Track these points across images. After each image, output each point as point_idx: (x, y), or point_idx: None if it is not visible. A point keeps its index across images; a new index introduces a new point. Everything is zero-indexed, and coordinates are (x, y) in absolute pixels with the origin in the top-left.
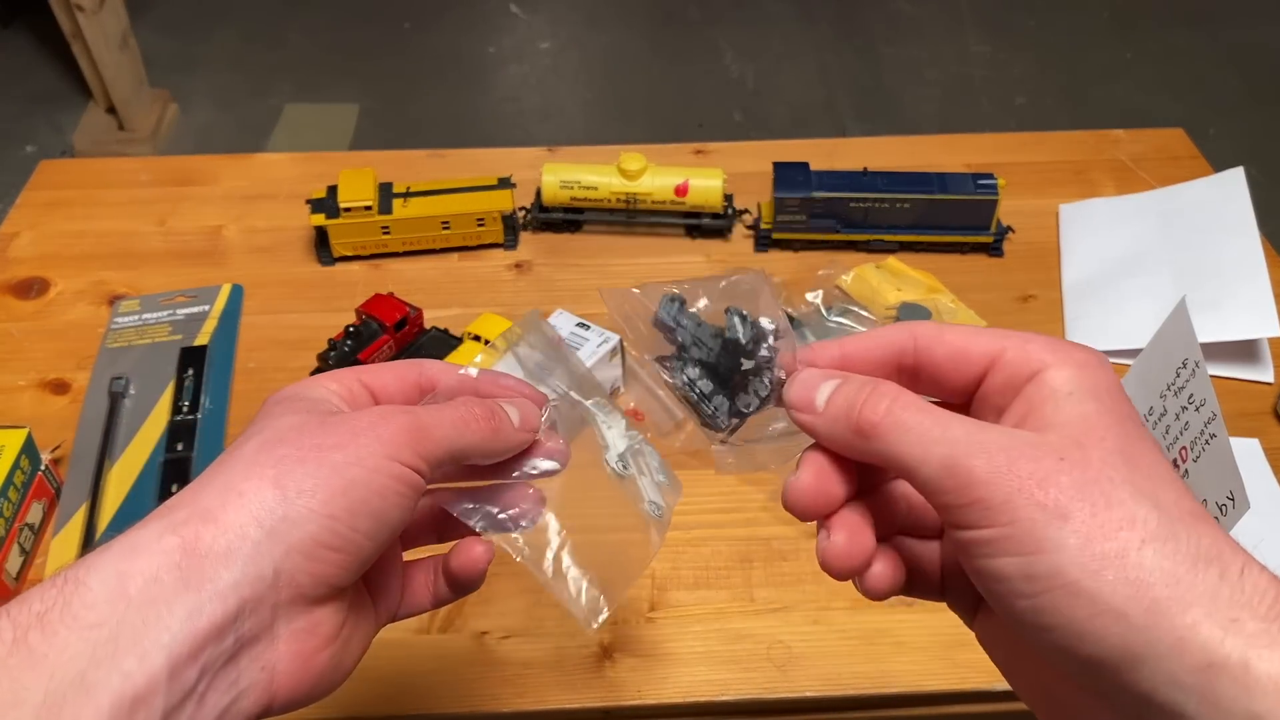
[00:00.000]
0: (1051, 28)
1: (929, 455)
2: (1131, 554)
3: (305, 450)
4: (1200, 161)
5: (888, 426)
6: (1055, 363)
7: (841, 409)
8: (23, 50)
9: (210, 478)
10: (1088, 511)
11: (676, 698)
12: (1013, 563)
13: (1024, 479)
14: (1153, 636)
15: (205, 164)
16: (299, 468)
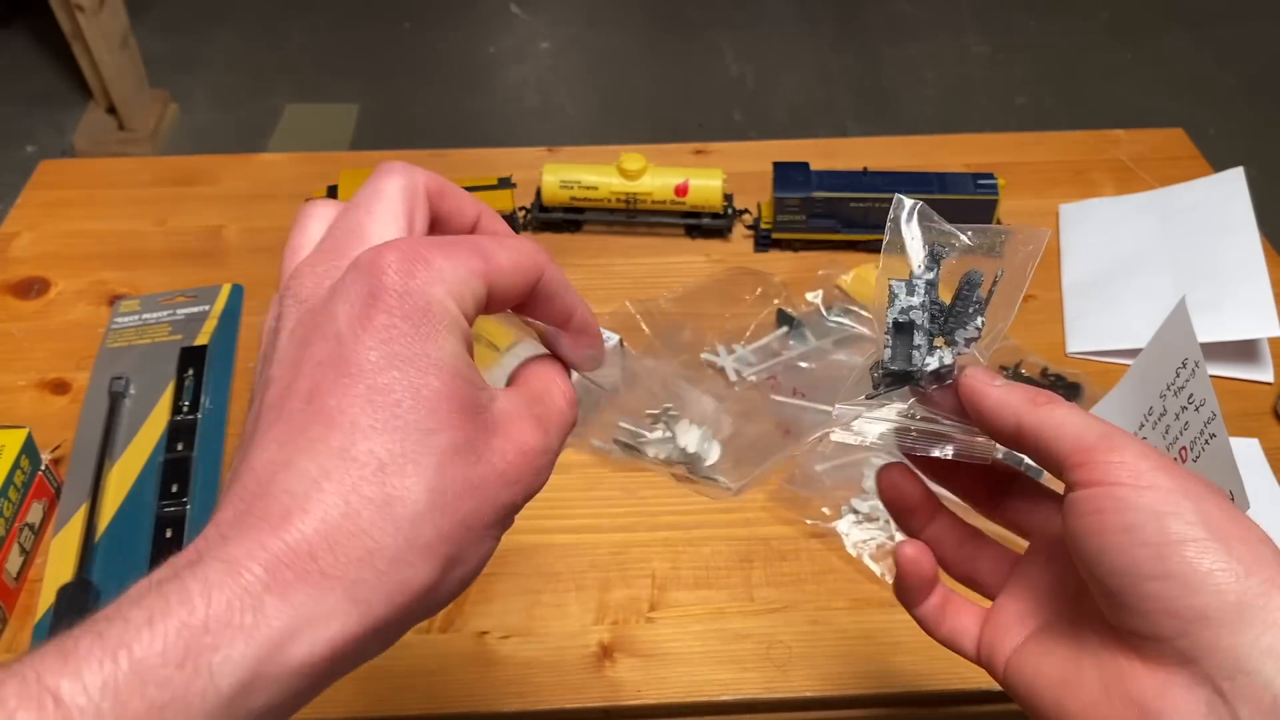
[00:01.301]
0: (1051, 28)
1: (1092, 428)
2: (1257, 541)
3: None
4: (1200, 161)
5: (1054, 405)
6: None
7: (1015, 387)
8: (23, 50)
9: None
10: (1210, 495)
11: (676, 697)
12: (1143, 515)
13: (1165, 458)
14: (1269, 604)
15: (206, 164)
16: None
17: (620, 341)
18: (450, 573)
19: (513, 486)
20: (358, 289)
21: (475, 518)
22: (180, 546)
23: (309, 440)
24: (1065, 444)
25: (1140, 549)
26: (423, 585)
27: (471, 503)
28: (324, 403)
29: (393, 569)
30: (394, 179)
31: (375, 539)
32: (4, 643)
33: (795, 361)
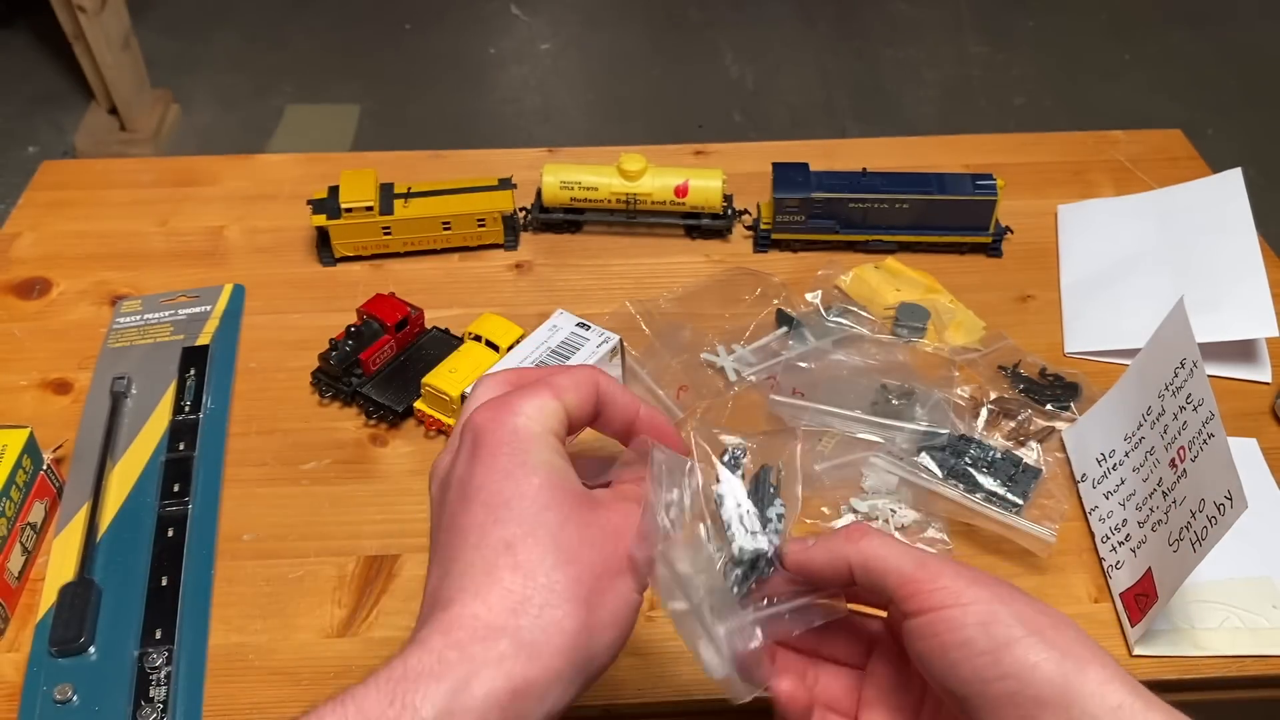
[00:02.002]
0: (1050, 29)
1: (905, 557)
2: (1061, 629)
3: (593, 599)
4: (1198, 162)
5: (866, 538)
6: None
7: (828, 536)
8: (24, 51)
9: (529, 581)
10: (1024, 601)
11: (676, 696)
12: (972, 629)
13: (980, 575)
14: (1085, 691)
15: (207, 164)
16: (588, 616)
17: (620, 342)
18: (595, 614)
19: (624, 539)
20: (466, 444)
21: (600, 565)
22: (182, 545)
23: (454, 552)
24: (890, 579)
25: (979, 658)
26: (574, 624)
27: (592, 553)
28: (457, 523)
29: (543, 613)
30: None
31: (521, 594)
32: (6, 642)
33: (795, 362)
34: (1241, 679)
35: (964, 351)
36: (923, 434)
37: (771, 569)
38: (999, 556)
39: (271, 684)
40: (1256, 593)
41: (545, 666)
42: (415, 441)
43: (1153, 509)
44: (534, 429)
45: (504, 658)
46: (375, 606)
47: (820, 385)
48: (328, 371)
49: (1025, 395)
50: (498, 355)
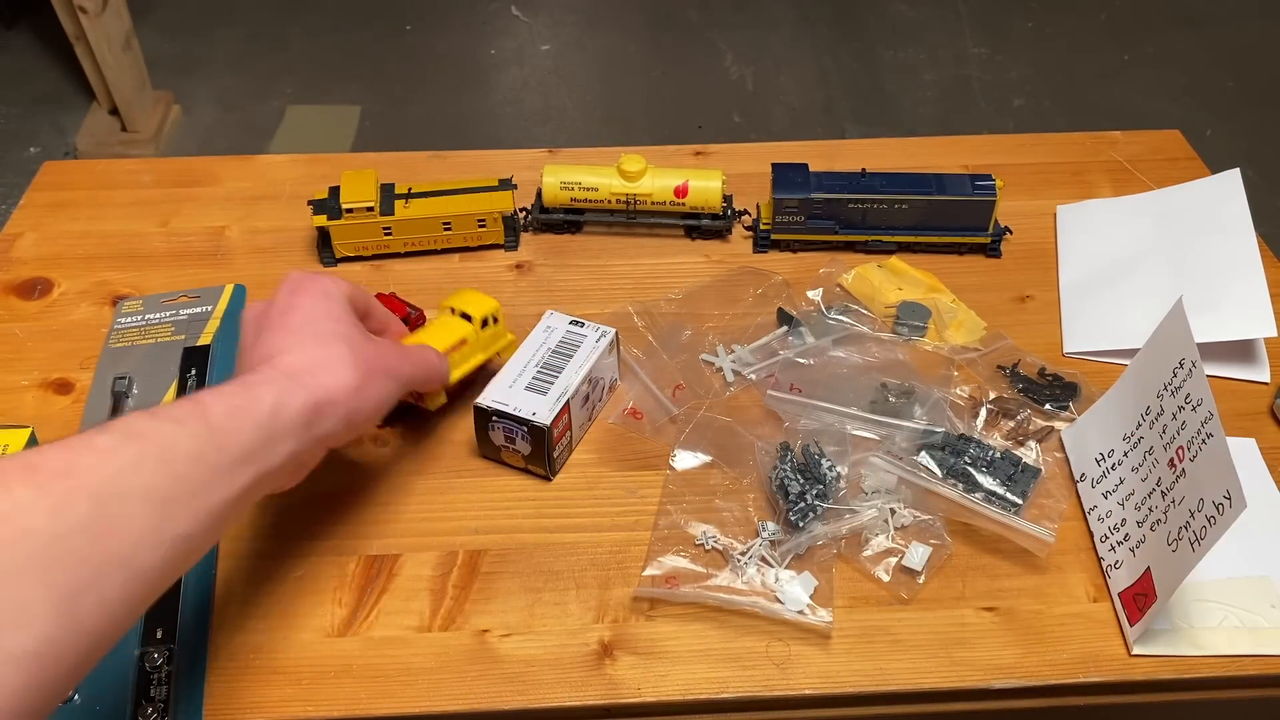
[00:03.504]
0: (1049, 30)
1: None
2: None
3: (361, 365)
4: (1197, 163)
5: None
6: None
7: None
8: (26, 52)
9: (302, 344)
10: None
11: (676, 695)
12: None
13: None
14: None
15: (208, 165)
16: (358, 379)
17: (615, 335)
18: (365, 384)
19: (388, 357)
20: (286, 287)
21: (371, 363)
22: None
23: (279, 335)
24: None
25: None
26: (352, 382)
27: (368, 353)
28: (282, 322)
29: (335, 369)
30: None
31: (323, 357)
32: None
33: (794, 359)
34: (1240, 678)
35: (963, 351)
36: (922, 433)
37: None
38: (998, 556)
39: (272, 683)
40: (1255, 592)
41: (333, 399)
42: (415, 441)
43: (1151, 509)
44: (335, 291)
45: (312, 386)
46: (375, 606)
47: (819, 383)
48: None
49: (1024, 395)
50: (470, 325)
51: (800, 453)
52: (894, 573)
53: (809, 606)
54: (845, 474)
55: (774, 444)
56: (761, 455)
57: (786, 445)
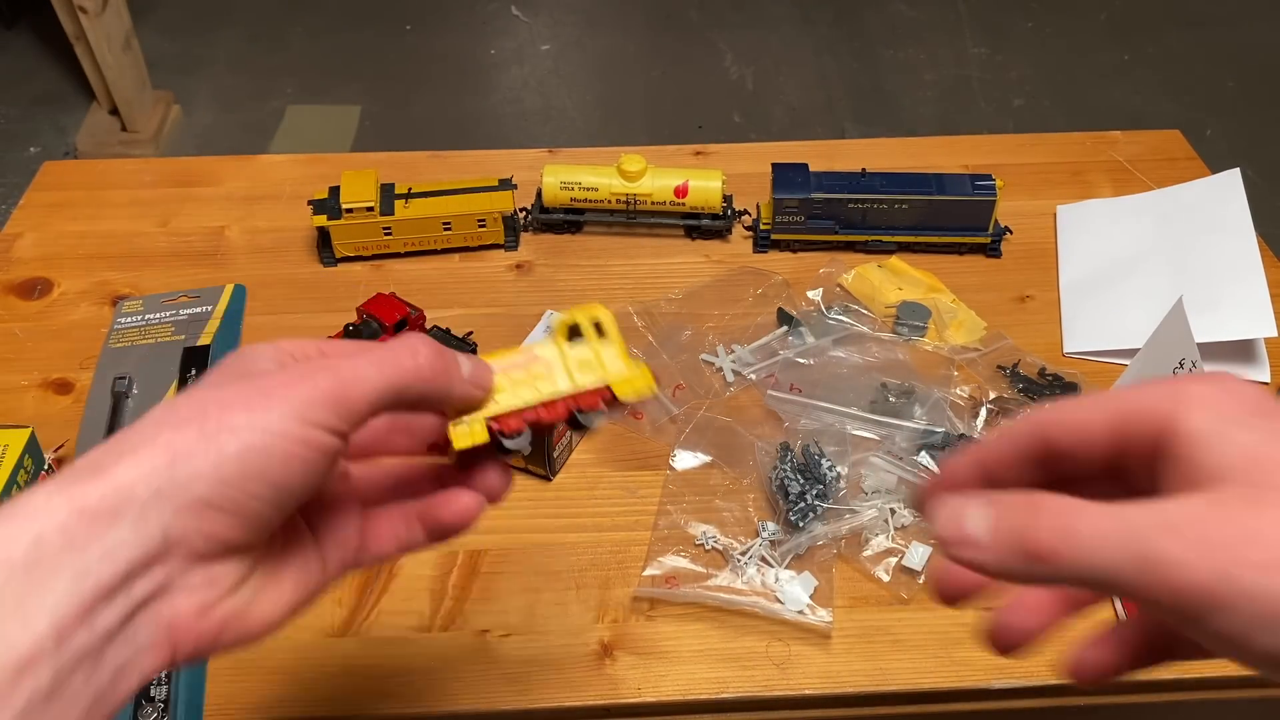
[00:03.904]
0: (1049, 30)
1: (1118, 557)
2: None
3: (208, 410)
4: (1197, 163)
5: (1066, 544)
6: (1180, 408)
7: (1009, 537)
8: (26, 52)
9: (114, 439)
10: None
11: (676, 695)
12: (1260, 631)
13: (1228, 547)
14: None
15: (208, 165)
16: (195, 429)
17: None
18: (204, 437)
19: (267, 381)
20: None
21: (230, 396)
22: None
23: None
24: (1122, 588)
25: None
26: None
27: (225, 390)
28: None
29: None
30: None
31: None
32: None
33: (794, 359)
34: (1241, 679)
35: (963, 351)
36: (922, 433)
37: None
38: None
39: (272, 683)
40: None
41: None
42: None
43: None
44: (264, 351)
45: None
46: (375, 606)
47: (819, 383)
48: None
49: (1024, 395)
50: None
51: (800, 453)
52: (894, 573)
53: (809, 606)
54: (845, 474)
55: (774, 444)
56: (761, 455)
57: (786, 445)
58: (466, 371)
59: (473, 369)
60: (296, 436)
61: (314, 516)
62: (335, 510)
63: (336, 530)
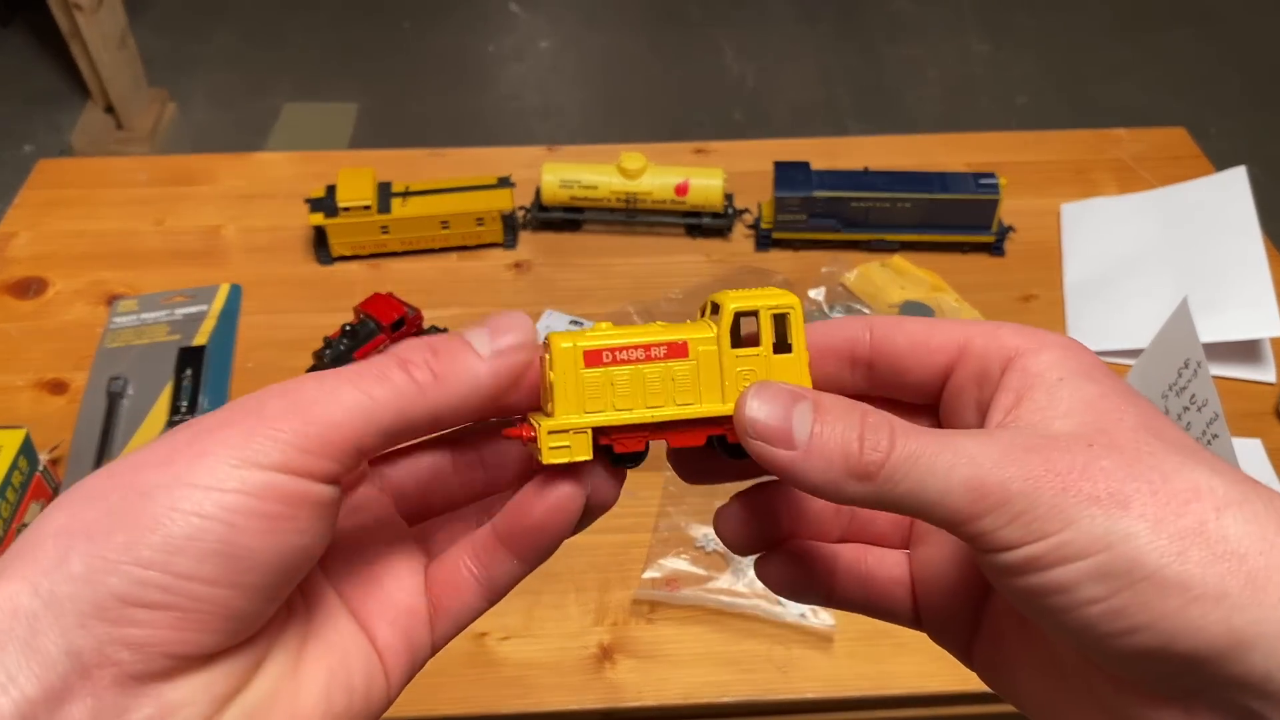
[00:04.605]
0: (1053, 27)
1: (949, 482)
2: (1211, 525)
3: (119, 476)
4: (1202, 161)
5: (896, 463)
6: (1033, 347)
7: (834, 450)
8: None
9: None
10: (1146, 492)
11: (677, 699)
12: (1077, 569)
13: (1065, 476)
14: (1260, 615)
15: (203, 163)
16: (99, 503)
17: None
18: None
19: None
20: None
21: (188, 431)
22: None
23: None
24: (938, 516)
25: (1091, 609)
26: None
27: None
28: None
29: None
30: None
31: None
32: None
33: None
34: None
35: None
36: None
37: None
38: None
39: None
40: None
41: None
42: None
43: None
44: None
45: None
46: None
47: None
48: (321, 370)
49: None
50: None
51: None
52: None
53: (811, 610)
54: None
55: None
56: None
57: None
58: (486, 345)
59: (493, 330)
60: (250, 487)
61: (346, 584)
62: (370, 564)
63: (379, 591)
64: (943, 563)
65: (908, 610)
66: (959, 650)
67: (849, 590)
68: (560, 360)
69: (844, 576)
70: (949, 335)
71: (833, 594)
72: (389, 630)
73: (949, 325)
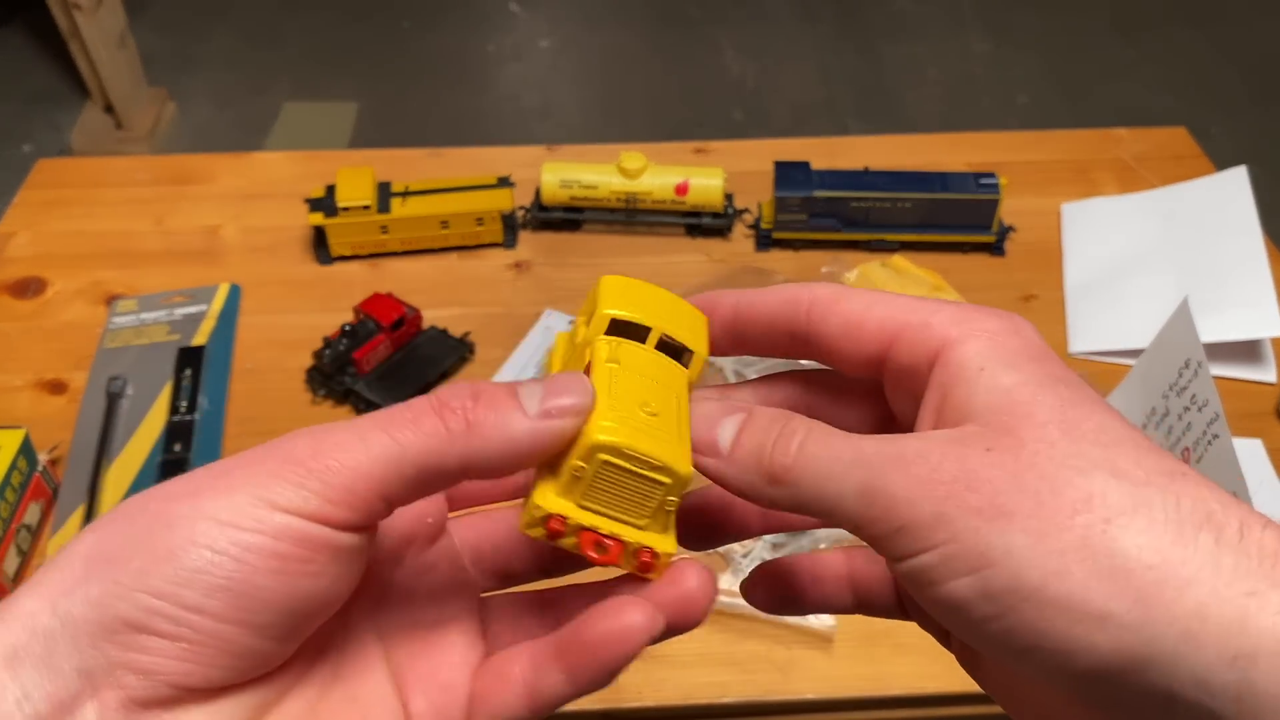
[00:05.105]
0: (1054, 26)
1: (844, 487)
2: (1096, 539)
3: (151, 503)
4: (1203, 160)
5: (800, 466)
6: (960, 336)
7: (751, 453)
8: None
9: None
10: (1031, 503)
11: (677, 699)
12: (964, 585)
13: (950, 485)
14: (1153, 633)
15: (203, 163)
16: (127, 528)
17: None
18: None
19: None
20: None
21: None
22: None
23: None
24: (844, 519)
25: (985, 625)
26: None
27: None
28: None
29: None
30: None
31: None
32: None
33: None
34: None
35: None
36: None
37: None
38: None
39: None
40: None
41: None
42: None
43: None
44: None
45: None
46: None
47: None
48: (321, 370)
49: None
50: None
51: None
52: None
53: None
54: None
55: None
56: None
57: None
58: (532, 401)
59: (546, 392)
60: (270, 527)
61: (396, 642)
62: (426, 630)
63: (427, 661)
64: None
65: (894, 604)
66: (940, 638)
67: (836, 596)
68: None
69: (831, 583)
70: (880, 323)
71: (827, 601)
72: (424, 702)
73: (884, 309)
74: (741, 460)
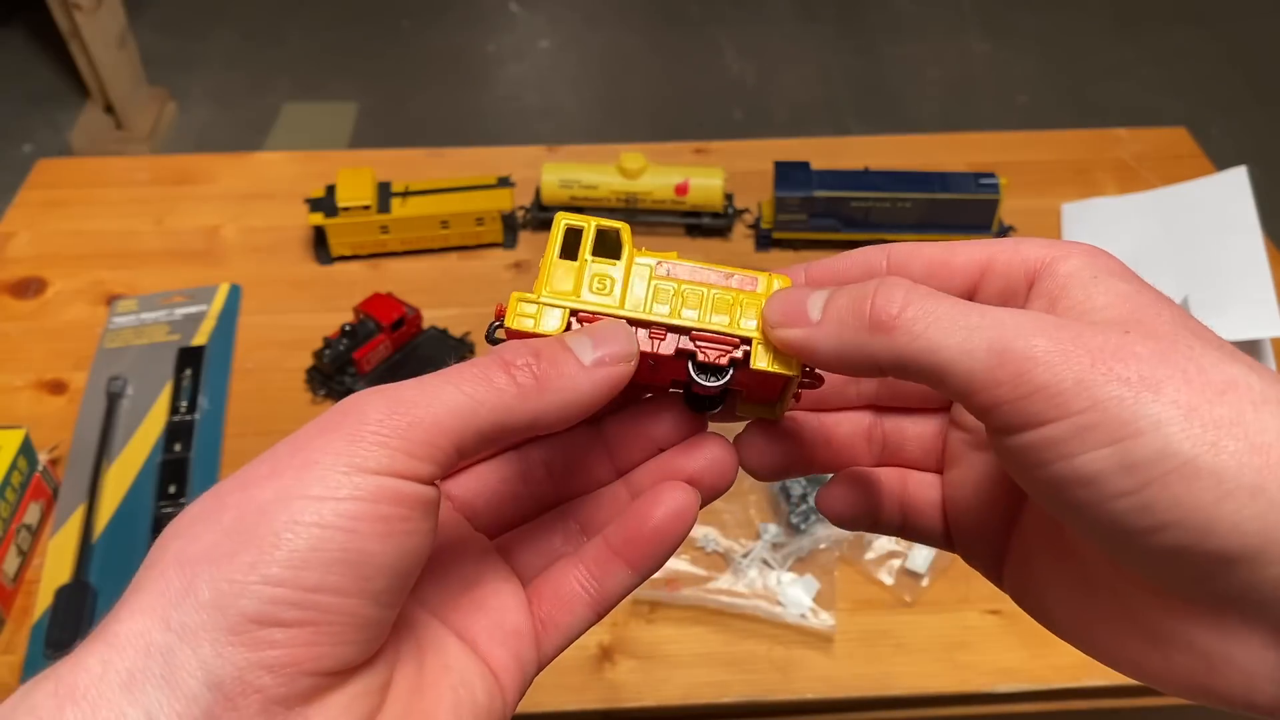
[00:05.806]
0: (1054, 26)
1: (970, 342)
2: (1249, 417)
3: (227, 496)
4: (1203, 160)
5: (911, 318)
6: (1062, 254)
7: (846, 310)
8: (20, 49)
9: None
10: (1180, 379)
11: (676, 699)
12: (1101, 456)
13: (1096, 353)
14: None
15: (203, 163)
16: (214, 525)
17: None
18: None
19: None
20: None
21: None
22: None
23: None
24: (953, 384)
25: (1116, 502)
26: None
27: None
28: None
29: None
30: None
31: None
32: (1, 644)
33: None
34: None
35: None
36: None
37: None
38: None
39: None
40: None
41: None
42: None
43: None
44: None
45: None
46: None
47: None
48: (321, 370)
49: None
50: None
51: None
52: (897, 575)
53: (811, 610)
54: None
55: None
56: None
57: None
58: (589, 353)
59: (596, 340)
60: (364, 492)
61: (445, 607)
62: (468, 587)
63: (483, 615)
64: (974, 484)
65: (940, 532)
66: (990, 571)
67: (890, 514)
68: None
69: (886, 501)
70: (970, 255)
71: (879, 520)
72: (500, 651)
73: (969, 246)
74: (836, 317)
